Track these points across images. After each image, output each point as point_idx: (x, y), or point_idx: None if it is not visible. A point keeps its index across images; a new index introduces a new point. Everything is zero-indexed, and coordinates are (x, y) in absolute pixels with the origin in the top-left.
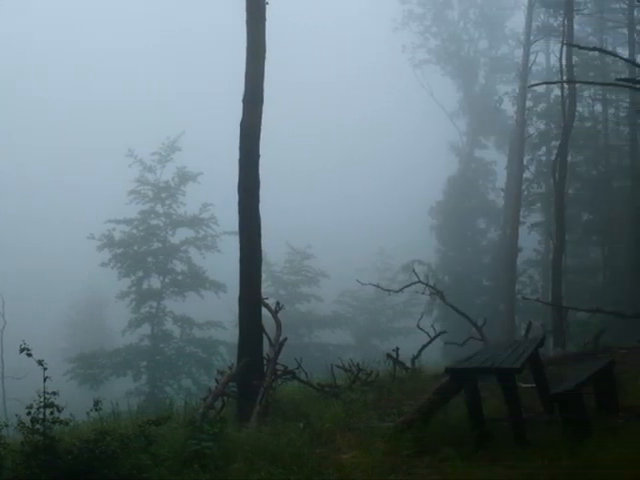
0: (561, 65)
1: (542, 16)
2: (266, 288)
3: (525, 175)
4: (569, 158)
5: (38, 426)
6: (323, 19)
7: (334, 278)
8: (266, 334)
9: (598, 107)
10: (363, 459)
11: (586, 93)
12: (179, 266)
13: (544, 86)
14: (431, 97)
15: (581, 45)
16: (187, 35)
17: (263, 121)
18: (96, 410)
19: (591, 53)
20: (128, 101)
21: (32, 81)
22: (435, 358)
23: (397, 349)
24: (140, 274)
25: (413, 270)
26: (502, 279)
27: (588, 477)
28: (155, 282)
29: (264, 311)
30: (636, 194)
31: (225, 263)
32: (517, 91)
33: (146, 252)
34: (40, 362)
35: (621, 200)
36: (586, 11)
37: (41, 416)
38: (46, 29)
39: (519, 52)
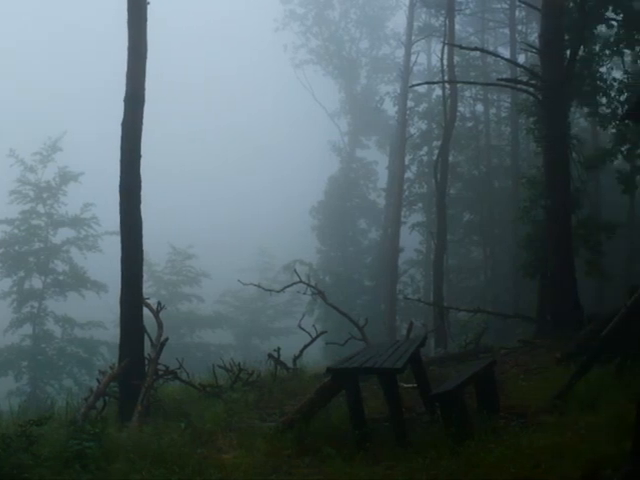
0: (442, 65)
1: (423, 16)
2: (147, 288)
3: (406, 175)
4: (450, 158)
5: None
6: (204, 19)
7: (216, 278)
8: (147, 334)
9: (479, 107)
10: (244, 459)
11: (467, 93)
12: (60, 266)
13: (425, 86)
14: (312, 97)
15: (462, 45)
16: (69, 34)
17: (145, 121)
18: None
19: (472, 53)
20: (9, 100)
21: None
22: (316, 358)
23: (278, 349)
24: (21, 274)
25: (294, 270)
26: (383, 279)
27: (469, 477)
28: (36, 282)
29: (145, 311)
30: (517, 194)
31: (106, 263)
32: (398, 91)
33: (27, 252)
34: None
35: (503, 200)
36: (467, 11)
37: None
38: None
39: (400, 52)
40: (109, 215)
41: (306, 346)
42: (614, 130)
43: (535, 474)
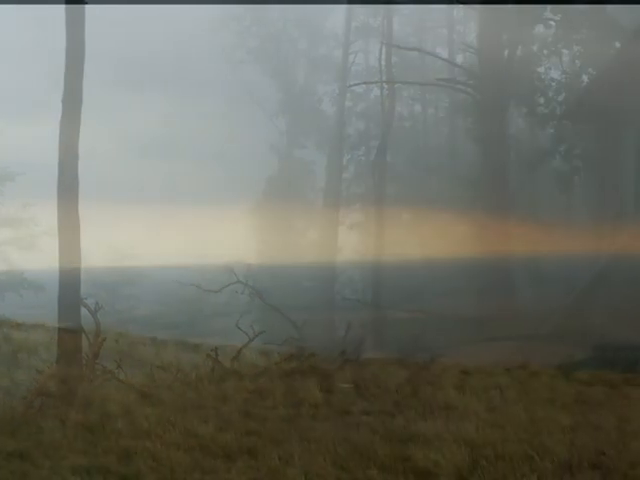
0: (380, 65)
1: (362, 16)
2: (86, 289)
3: (345, 175)
4: (388, 158)
5: None
6: (147, 15)
7: (154, 278)
8: (85, 334)
9: (418, 107)
10: (182, 459)
11: (405, 93)
12: None
13: (364, 86)
14: (250, 97)
15: (400, 45)
16: (5, 30)
17: (82, 122)
18: None
19: (411, 53)
20: None
21: None
22: (254, 358)
23: (216, 349)
24: None
25: (232, 270)
26: (322, 279)
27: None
28: None
29: (84, 311)
30: (456, 194)
31: (45, 263)
32: (337, 91)
33: None
34: None
35: (441, 200)
36: (406, 11)
37: None
38: None
39: (339, 52)
40: (48, 215)
41: (244, 346)
42: (552, 130)
43: (476, 469)
